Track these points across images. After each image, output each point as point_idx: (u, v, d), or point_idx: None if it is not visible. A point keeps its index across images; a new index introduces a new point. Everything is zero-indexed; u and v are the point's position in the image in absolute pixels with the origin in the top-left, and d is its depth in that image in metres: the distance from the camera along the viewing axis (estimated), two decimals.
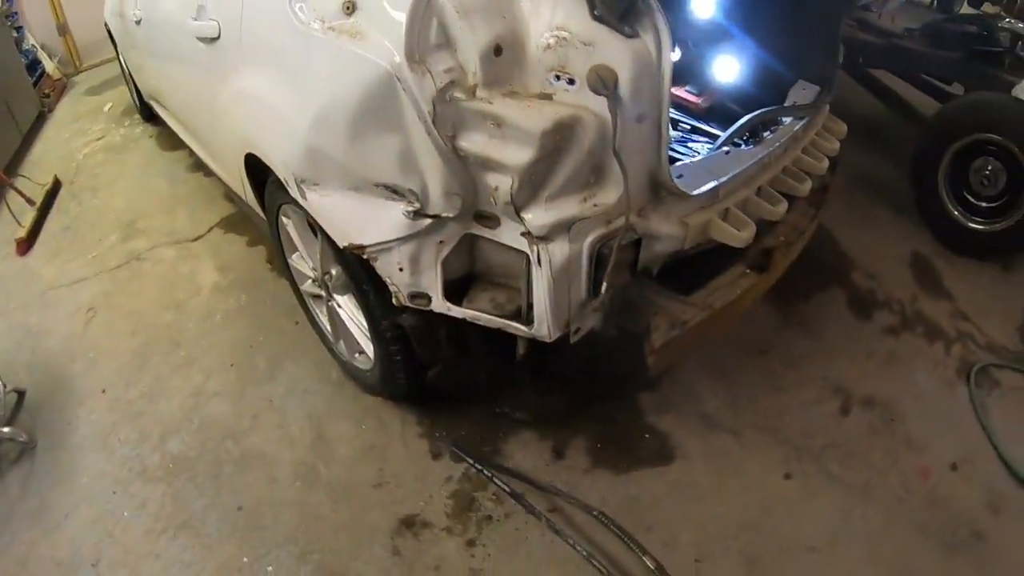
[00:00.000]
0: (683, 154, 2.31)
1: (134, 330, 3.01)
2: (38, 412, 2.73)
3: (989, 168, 3.23)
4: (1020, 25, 3.54)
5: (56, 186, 4.51)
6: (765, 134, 2.14)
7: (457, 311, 1.72)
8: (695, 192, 1.72)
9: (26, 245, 3.96)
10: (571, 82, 1.47)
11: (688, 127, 2.38)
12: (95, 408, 2.69)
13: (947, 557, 2.11)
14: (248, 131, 2.13)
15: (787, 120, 2.20)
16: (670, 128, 1.62)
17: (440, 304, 1.73)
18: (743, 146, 2.09)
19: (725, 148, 2.05)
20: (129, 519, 2.25)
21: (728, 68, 2.61)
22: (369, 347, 2.21)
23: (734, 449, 2.31)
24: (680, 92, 2.52)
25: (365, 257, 1.74)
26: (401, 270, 1.71)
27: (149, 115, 4.85)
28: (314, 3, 1.71)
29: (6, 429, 2.61)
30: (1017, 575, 2.10)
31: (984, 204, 3.29)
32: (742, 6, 2.58)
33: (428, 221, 1.62)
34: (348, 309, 2.27)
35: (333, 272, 2.20)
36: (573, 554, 1.98)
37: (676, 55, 2.41)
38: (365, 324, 2.13)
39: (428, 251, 1.67)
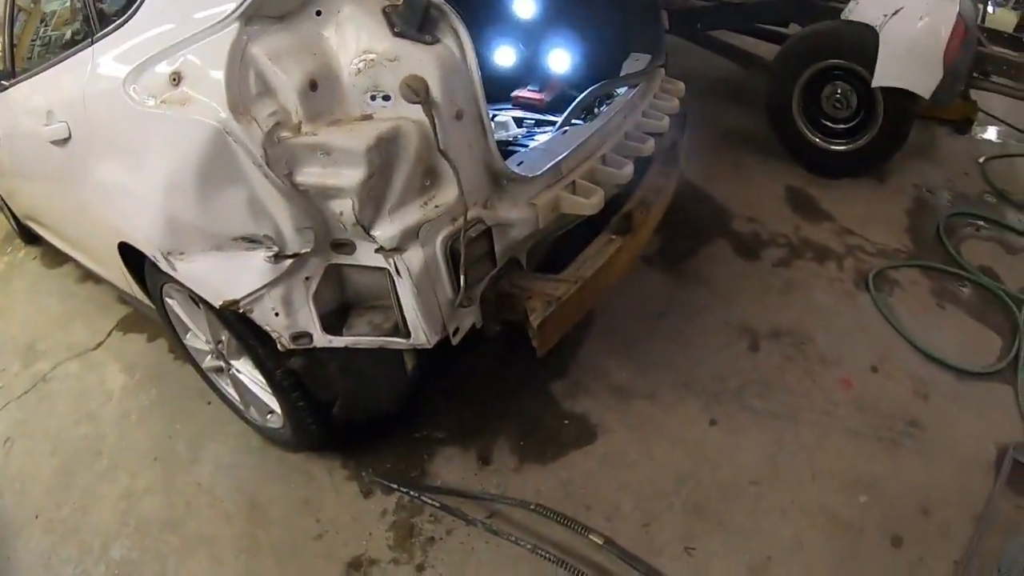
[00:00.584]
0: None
1: (54, 450, 2.95)
2: None
3: (839, 92, 3.46)
4: None
5: None
6: (601, 108, 2.25)
7: (338, 340, 1.76)
8: (536, 173, 1.81)
9: None
10: (386, 98, 1.56)
11: (533, 122, 2.48)
12: (31, 535, 2.63)
13: (890, 452, 2.22)
14: (113, 220, 2.16)
15: (621, 91, 2.31)
16: (491, 120, 1.70)
17: (321, 338, 1.77)
18: (581, 123, 2.19)
19: (564, 129, 2.15)
20: None
21: (562, 59, 2.74)
22: (274, 403, 2.23)
23: (654, 412, 2.39)
24: (523, 92, 2.63)
25: (241, 311, 1.77)
26: (277, 315, 1.75)
27: (30, 237, 4.77)
28: (144, 82, 1.76)
29: None
30: (960, 450, 2.22)
31: (842, 126, 3.51)
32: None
33: (289, 261, 1.66)
34: (247, 372, 2.29)
35: (224, 338, 2.22)
36: (522, 552, 2.01)
37: (510, 58, 2.52)
38: (264, 381, 2.15)
39: (297, 290, 1.71)
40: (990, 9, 4.87)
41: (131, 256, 2.31)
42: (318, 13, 1.59)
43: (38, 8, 3.16)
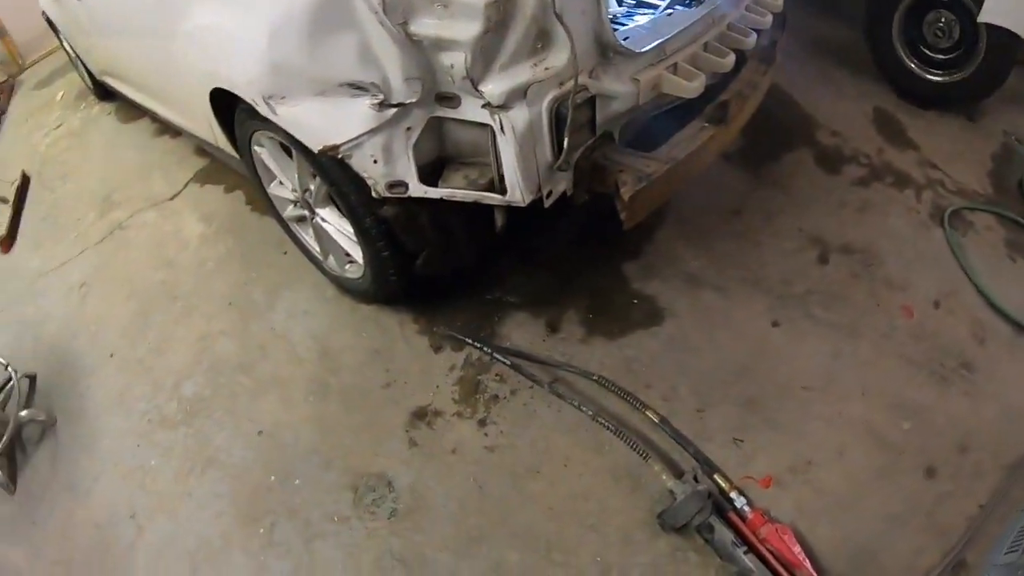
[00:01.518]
0: None
1: (130, 295, 3.15)
2: (51, 391, 2.90)
3: (942, 21, 3.35)
4: None
5: (25, 181, 4.62)
6: None
7: (434, 192, 1.86)
8: (642, 50, 1.86)
9: (8, 242, 4.10)
10: None
11: (634, 2, 2.49)
12: (105, 374, 2.85)
13: (939, 387, 2.27)
14: (210, 65, 2.25)
15: None
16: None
17: (417, 188, 1.87)
18: (685, 8, 2.21)
19: (668, 11, 2.18)
20: (157, 467, 2.44)
21: None
22: (357, 252, 2.35)
23: (720, 303, 2.48)
24: None
25: (340, 157, 1.87)
26: (375, 162, 1.84)
27: (104, 93, 4.93)
28: None
29: (24, 413, 2.78)
30: (1006, 400, 2.26)
31: (941, 56, 3.41)
32: None
33: (393, 110, 1.75)
34: (332, 220, 2.40)
35: (312, 187, 2.34)
36: (582, 418, 2.15)
37: None
38: (350, 230, 2.27)
39: (398, 139, 1.81)
40: None
41: (221, 106, 2.42)
42: None
43: None
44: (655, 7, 2.35)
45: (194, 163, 3.85)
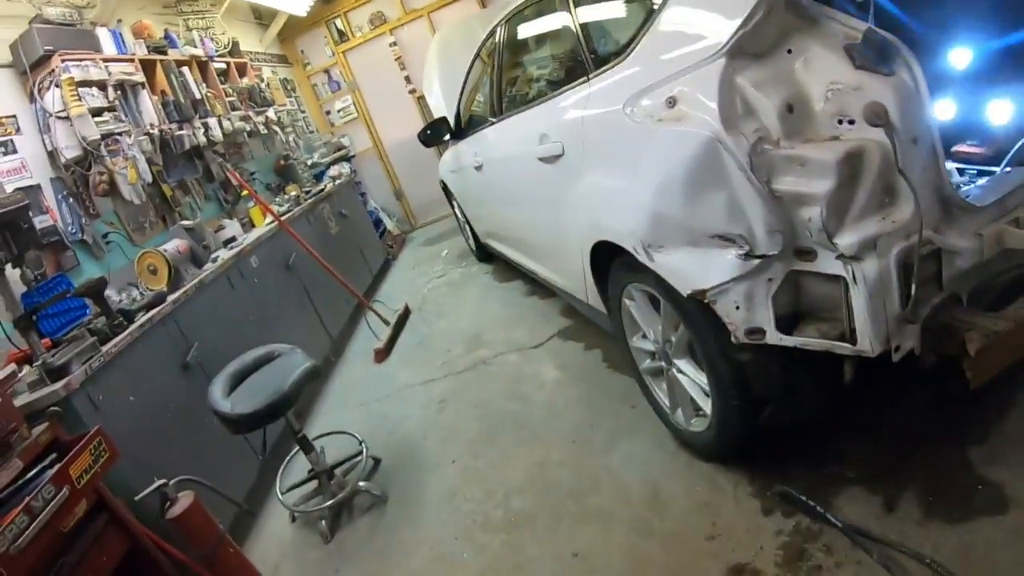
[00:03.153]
0: None
1: (482, 416, 3.67)
2: (392, 475, 3.44)
3: None
4: None
5: (406, 312, 5.65)
6: None
7: (789, 340, 2.03)
8: (983, 204, 1.97)
9: (383, 354, 5.03)
10: (851, 122, 1.86)
11: (975, 171, 2.52)
12: (444, 474, 3.30)
13: None
14: (596, 220, 2.75)
15: None
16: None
17: (773, 335, 2.05)
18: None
19: (1007, 168, 2.22)
20: (467, 560, 2.74)
21: (1003, 110, 2.69)
22: (707, 403, 2.54)
23: None
24: (962, 147, 2.67)
25: (706, 301, 2.15)
26: (738, 308, 2.08)
27: (484, 256, 5.91)
28: (643, 105, 2.30)
29: (362, 483, 3.35)
30: None
31: None
32: (1000, 45, 2.71)
33: (757, 261, 2.00)
34: (687, 371, 2.64)
35: (673, 338, 2.63)
36: None
37: (949, 112, 2.61)
38: (704, 380, 2.49)
39: (759, 288, 2.04)
40: None
41: (596, 262, 2.90)
42: (789, 51, 1.98)
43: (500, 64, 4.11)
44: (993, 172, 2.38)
45: (558, 322, 4.43)
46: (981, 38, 2.75)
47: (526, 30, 3.89)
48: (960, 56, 2.80)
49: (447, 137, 5.10)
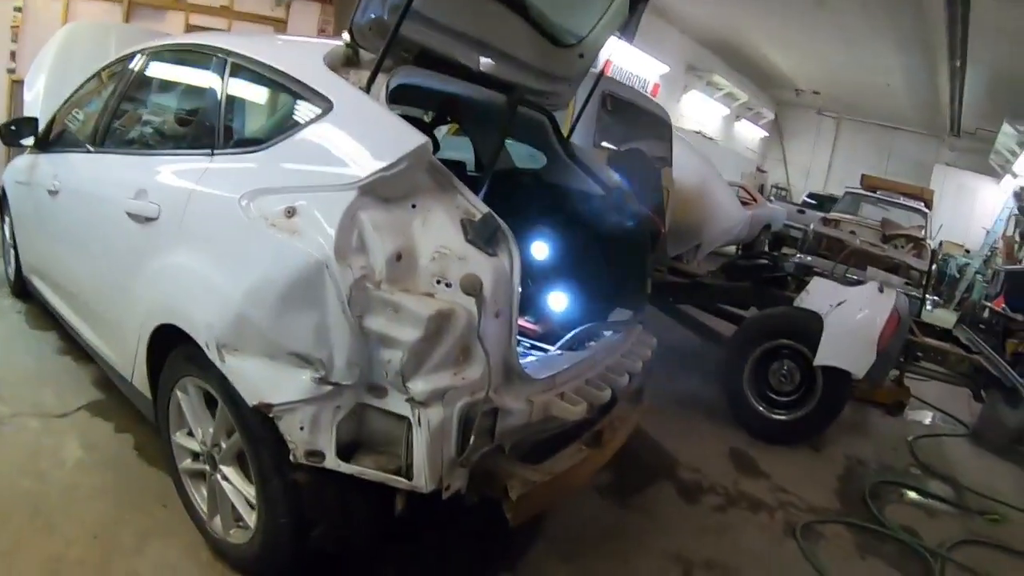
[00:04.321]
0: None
1: None
2: None
3: (785, 368, 4.39)
4: (808, 258, 5.33)
5: None
6: (590, 343, 2.98)
7: (346, 467, 2.15)
8: (539, 377, 2.41)
9: None
10: (448, 285, 2.13)
11: (528, 345, 3.13)
12: None
13: None
14: (171, 301, 2.61)
15: (607, 333, 3.12)
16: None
17: (332, 460, 2.16)
18: (572, 352, 2.87)
19: (558, 352, 2.84)
20: None
21: (559, 301, 3.50)
22: (250, 516, 2.50)
23: None
24: (520, 321, 3.23)
25: (271, 415, 2.18)
26: (302, 428, 2.15)
27: (21, 291, 5.01)
28: (259, 204, 2.29)
29: None
30: None
31: (784, 398, 4.42)
32: (570, 252, 3.54)
33: (330, 388, 2.12)
34: (234, 480, 2.56)
35: (224, 444, 2.55)
36: None
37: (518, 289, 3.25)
38: (251, 492, 2.46)
39: (326, 414, 2.14)
40: (928, 307, 6.77)
41: (158, 344, 2.71)
42: (414, 206, 2.21)
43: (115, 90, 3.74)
44: (546, 351, 2.99)
45: (90, 392, 3.93)
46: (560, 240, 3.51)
47: (169, 72, 3.60)
48: (540, 248, 3.44)
49: (29, 141, 4.42)
